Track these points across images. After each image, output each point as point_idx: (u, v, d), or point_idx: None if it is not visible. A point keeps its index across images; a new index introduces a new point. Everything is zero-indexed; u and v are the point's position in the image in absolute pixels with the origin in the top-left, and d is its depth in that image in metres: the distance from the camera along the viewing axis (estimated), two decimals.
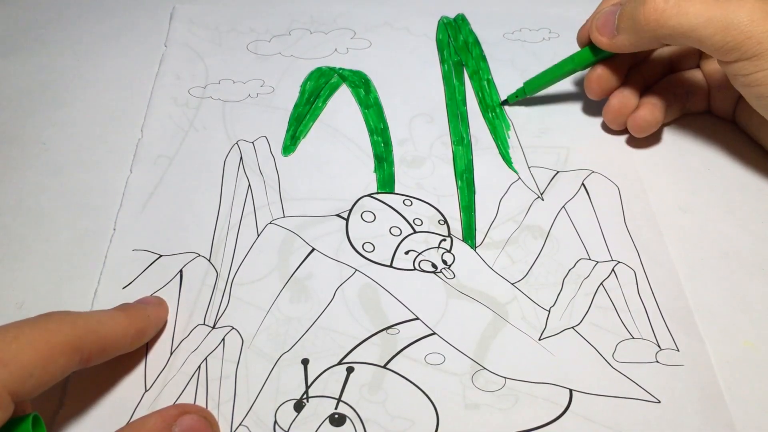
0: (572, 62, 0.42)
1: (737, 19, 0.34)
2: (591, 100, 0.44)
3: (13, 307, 0.33)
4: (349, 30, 0.50)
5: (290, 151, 0.41)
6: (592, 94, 0.42)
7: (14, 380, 0.23)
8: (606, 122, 0.43)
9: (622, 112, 0.41)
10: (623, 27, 0.37)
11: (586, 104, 0.45)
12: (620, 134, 0.43)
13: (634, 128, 0.41)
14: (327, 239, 0.36)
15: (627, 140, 0.43)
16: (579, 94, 0.46)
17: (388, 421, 0.30)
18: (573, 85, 0.46)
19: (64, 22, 0.50)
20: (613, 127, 0.43)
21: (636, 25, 0.36)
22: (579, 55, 0.42)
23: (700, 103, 0.44)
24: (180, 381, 0.30)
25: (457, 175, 0.40)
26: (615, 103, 0.41)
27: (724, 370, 0.32)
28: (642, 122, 0.41)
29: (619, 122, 0.42)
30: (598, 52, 0.41)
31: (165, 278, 0.34)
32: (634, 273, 0.36)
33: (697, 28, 0.34)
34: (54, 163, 0.40)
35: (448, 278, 0.35)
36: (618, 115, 0.42)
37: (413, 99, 0.45)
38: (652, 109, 0.41)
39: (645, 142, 0.43)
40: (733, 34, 0.34)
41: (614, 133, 0.43)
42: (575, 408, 0.30)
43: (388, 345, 0.32)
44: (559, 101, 0.46)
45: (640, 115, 0.41)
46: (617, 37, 0.38)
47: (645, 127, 0.41)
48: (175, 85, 0.45)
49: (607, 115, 0.42)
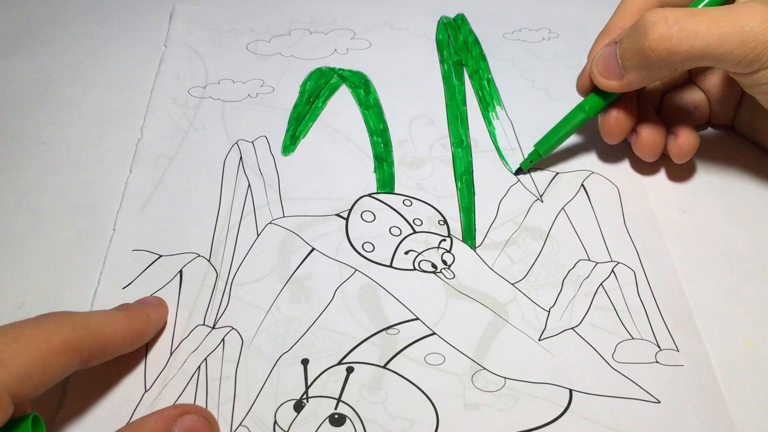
0: (583, 112, 0.39)
1: (751, 29, 0.32)
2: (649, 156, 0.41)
3: (13, 307, 0.33)
4: (348, 30, 0.50)
5: (290, 151, 0.41)
6: (612, 138, 0.40)
7: (14, 381, 0.23)
8: (641, 157, 0.40)
9: (658, 142, 0.39)
10: (630, 65, 0.36)
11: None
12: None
13: (680, 155, 0.39)
14: (327, 239, 0.36)
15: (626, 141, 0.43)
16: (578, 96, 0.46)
17: (388, 421, 0.30)
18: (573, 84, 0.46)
19: (64, 22, 0.50)
20: (650, 159, 0.40)
21: (645, 60, 0.34)
22: (588, 103, 0.39)
23: (703, 116, 0.43)
24: (180, 381, 0.30)
25: (456, 177, 0.40)
26: (648, 137, 0.39)
27: (723, 370, 0.32)
28: (688, 147, 0.39)
29: (657, 152, 0.40)
30: (607, 96, 0.39)
31: (165, 278, 0.34)
32: (634, 273, 0.36)
33: (712, 47, 0.33)
34: (54, 163, 0.40)
35: (447, 278, 0.35)
36: (655, 146, 0.39)
37: (413, 100, 0.45)
38: (689, 132, 0.39)
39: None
40: (751, 45, 0.32)
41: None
42: (575, 408, 0.30)
43: (388, 345, 0.32)
44: (558, 101, 0.45)
45: (685, 142, 0.39)
46: (626, 76, 0.36)
47: (690, 151, 0.39)
48: (174, 85, 0.45)
49: (644, 150, 0.40)
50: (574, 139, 0.43)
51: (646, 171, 0.41)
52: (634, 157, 0.42)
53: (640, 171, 0.41)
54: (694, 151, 0.39)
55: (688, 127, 0.39)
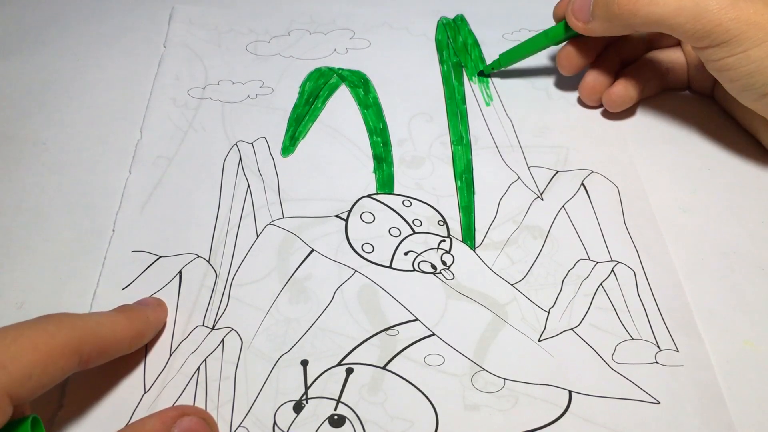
0: (546, 38, 0.44)
1: (707, 7, 0.35)
2: (590, 100, 0.44)
3: (13, 307, 0.33)
4: (348, 30, 0.50)
5: (289, 151, 0.41)
6: (563, 69, 0.44)
7: (13, 382, 0.23)
8: (582, 98, 0.45)
9: (596, 89, 0.43)
10: (597, 14, 0.39)
11: (585, 104, 0.45)
12: (620, 134, 0.43)
13: (609, 104, 0.43)
14: (326, 240, 0.36)
15: (627, 140, 0.43)
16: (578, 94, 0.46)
17: (388, 422, 0.30)
18: (573, 85, 0.46)
19: (64, 22, 0.50)
20: (589, 102, 0.44)
21: (609, 14, 0.38)
22: (552, 32, 0.43)
23: (679, 81, 0.46)
24: (179, 382, 0.30)
25: (456, 176, 0.40)
26: (589, 81, 0.44)
27: (723, 370, 0.32)
28: (616, 98, 0.43)
29: (594, 99, 0.44)
30: (571, 30, 0.42)
31: (164, 279, 0.34)
32: (634, 273, 0.36)
33: (668, 17, 0.36)
34: (54, 163, 0.40)
35: (447, 279, 0.35)
36: (592, 92, 0.44)
37: (412, 99, 0.45)
38: (626, 86, 0.43)
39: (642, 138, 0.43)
40: (702, 22, 0.35)
41: (613, 132, 0.43)
42: (574, 409, 0.30)
43: (388, 346, 0.32)
44: (558, 101, 0.45)
45: (614, 91, 0.43)
46: (591, 22, 0.40)
47: (619, 102, 0.43)
48: (174, 85, 0.45)
49: (583, 91, 0.44)
50: (575, 137, 0.43)
51: (647, 171, 0.41)
52: (634, 157, 0.42)
53: (641, 171, 0.41)
54: (624, 104, 0.43)
55: (629, 81, 0.43)
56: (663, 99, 0.46)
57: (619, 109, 0.43)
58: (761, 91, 0.37)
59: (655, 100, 0.46)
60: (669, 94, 0.46)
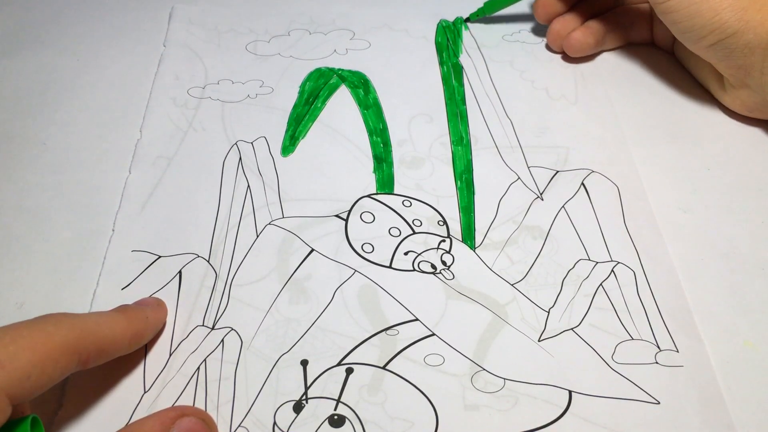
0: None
1: None
2: (590, 99, 0.44)
3: (13, 307, 0.33)
4: (348, 31, 0.50)
5: (289, 151, 0.41)
6: (538, 17, 0.47)
7: (12, 382, 0.23)
8: (548, 43, 0.48)
9: (560, 34, 0.46)
10: None
11: (585, 104, 0.45)
12: (620, 134, 0.43)
13: (567, 48, 0.46)
14: (326, 240, 0.36)
15: (627, 140, 0.43)
16: (578, 95, 0.46)
17: (388, 422, 0.30)
18: (573, 85, 0.46)
19: (64, 22, 0.50)
20: (553, 47, 0.48)
21: None
22: None
23: (642, 34, 0.48)
24: (179, 382, 0.30)
25: (456, 176, 0.40)
26: (556, 26, 0.46)
27: (723, 370, 0.32)
28: (575, 42, 0.46)
29: (558, 44, 0.47)
30: None
31: (164, 279, 0.34)
32: (634, 273, 0.36)
33: None
34: (54, 163, 0.40)
35: (447, 279, 0.35)
36: (557, 37, 0.46)
37: (412, 99, 0.45)
38: (586, 32, 0.45)
39: (642, 137, 0.43)
40: None
41: (614, 131, 0.43)
42: (574, 409, 0.30)
43: (388, 346, 0.32)
44: (558, 101, 0.45)
45: (573, 36, 0.46)
46: None
47: (577, 47, 0.46)
48: (174, 85, 0.45)
49: (549, 35, 0.47)
50: (574, 137, 0.43)
51: (647, 171, 0.41)
52: (634, 157, 0.42)
53: (641, 170, 0.41)
54: (581, 49, 0.46)
55: (591, 29, 0.46)
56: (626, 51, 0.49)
57: (577, 54, 0.46)
58: (699, 33, 0.39)
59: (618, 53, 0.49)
60: (633, 48, 0.49)
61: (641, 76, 0.47)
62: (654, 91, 0.46)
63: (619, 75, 0.48)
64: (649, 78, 0.47)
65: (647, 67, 0.48)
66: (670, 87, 0.46)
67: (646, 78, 0.47)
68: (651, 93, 0.46)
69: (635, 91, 0.46)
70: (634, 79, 0.47)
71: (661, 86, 0.47)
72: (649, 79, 0.47)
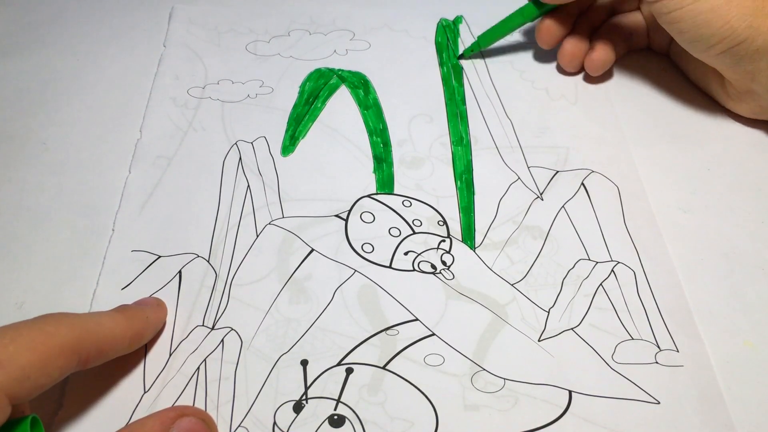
0: (521, 15, 0.46)
1: None
2: (590, 100, 0.45)
3: (13, 307, 0.33)
4: (348, 31, 0.50)
5: (289, 151, 0.41)
6: (542, 43, 0.46)
7: (11, 382, 0.23)
8: (562, 66, 0.47)
9: (576, 55, 0.46)
10: None
11: (585, 104, 0.45)
12: (620, 134, 0.43)
13: (591, 68, 0.46)
14: (326, 240, 0.36)
15: (627, 140, 0.43)
16: (578, 94, 0.46)
17: (388, 422, 0.30)
18: (573, 85, 0.46)
19: (64, 22, 0.50)
20: (570, 69, 0.47)
21: None
22: (526, 9, 0.45)
23: (641, 41, 0.49)
24: (179, 382, 0.30)
25: (456, 176, 0.40)
26: (569, 48, 0.46)
27: (723, 370, 0.32)
28: (597, 61, 0.45)
29: (575, 65, 0.46)
30: (542, 5, 0.45)
31: (164, 279, 0.34)
32: (634, 273, 0.36)
33: None
34: (54, 163, 0.40)
35: (447, 279, 0.35)
36: (573, 58, 0.46)
37: (412, 99, 0.45)
38: (606, 49, 0.45)
39: (642, 137, 0.43)
40: None
41: (613, 131, 0.43)
42: (574, 409, 0.30)
43: (388, 346, 0.32)
44: (558, 101, 0.45)
45: (596, 56, 0.45)
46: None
47: (600, 65, 0.45)
48: (174, 85, 0.45)
49: (563, 59, 0.46)
50: (574, 137, 0.43)
51: (646, 171, 0.41)
52: (634, 157, 0.42)
53: (641, 170, 0.41)
54: (605, 66, 0.46)
55: (606, 44, 0.45)
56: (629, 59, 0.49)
57: (601, 71, 0.46)
58: (708, 42, 0.39)
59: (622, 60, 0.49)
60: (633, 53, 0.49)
61: (641, 77, 0.47)
62: (654, 91, 0.46)
63: (619, 75, 0.48)
64: (649, 78, 0.47)
65: (647, 67, 0.48)
66: (670, 87, 0.47)
67: (647, 78, 0.47)
68: (651, 93, 0.46)
69: (635, 91, 0.46)
70: (634, 79, 0.47)
71: (661, 86, 0.47)
72: (649, 79, 0.47)
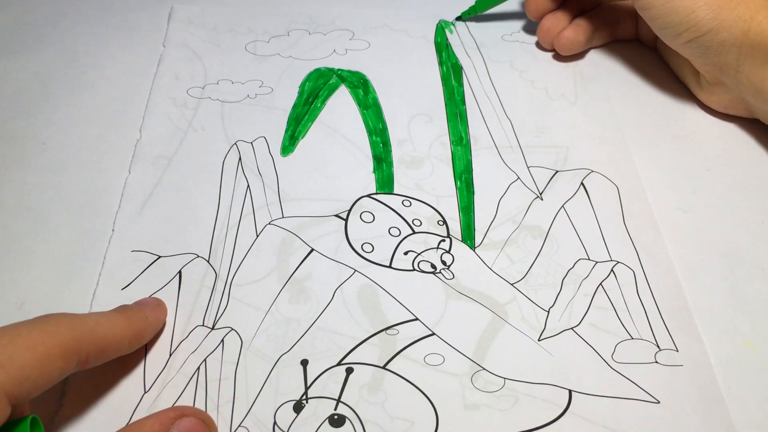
0: None
1: None
2: (590, 99, 0.45)
3: (13, 307, 0.33)
4: (347, 31, 0.50)
5: (289, 151, 0.41)
6: (529, 13, 0.48)
7: (11, 382, 0.23)
8: (539, 41, 0.48)
9: (551, 32, 0.47)
10: None
11: (585, 103, 0.45)
12: (620, 134, 0.43)
13: (559, 46, 0.47)
14: (326, 240, 0.36)
15: (627, 140, 0.43)
16: (578, 94, 0.46)
17: (388, 421, 0.30)
18: (572, 85, 0.46)
19: (64, 22, 0.50)
20: (544, 45, 0.48)
21: None
22: None
23: (628, 31, 0.49)
24: (179, 382, 0.30)
25: (456, 176, 0.40)
26: (546, 24, 0.47)
27: (723, 370, 0.32)
28: (565, 41, 0.46)
29: (548, 41, 0.47)
30: None
31: (164, 279, 0.34)
32: (633, 273, 0.36)
33: None
34: (54, 163, 0.40)
35: (447, 279, 0.35)
36: (548, 34, 0.47)
37: (412, 99, 0.45)
38: (577, 30, 0.46)
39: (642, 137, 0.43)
40: None
41: (613, 131, 0.43)
42: (574, 409, 0.30)
43: (388, 346, 0.32)
44: (558, 101, 0.45)
45: (564, 34, 0.46)
46: None
47: (567, 45, 0.46)
48: (173, 85, 0.45)
49: (539, 33, 0.48)
50: (574, 137, 0.43)
51: (646, 170, 0.41)
52: (634, 157, 0.42)
53: (640, 170, 0.41)
54: (572, 47, 0.47)
55: (581, 27, 0.46)
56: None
57: (569, 52, 0.47)
58: (675, 30, 0.40)
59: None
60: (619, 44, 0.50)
61: (641, 77, 0.47)
62: (654, 91, 0.46)
63: (618, 75, 0.48)
64: (649, 78, 0.47)
65: (647, 67, 0.48)
66: (670, 87, 0.47)
67: (647, 78, 0.47)
68: (651, 93, 0.46)
69: (635, 91, 0.46)
70: (634, 80, 0.47)
71: (661, 86, 0.47)
72: (649, 79, 0.47)
